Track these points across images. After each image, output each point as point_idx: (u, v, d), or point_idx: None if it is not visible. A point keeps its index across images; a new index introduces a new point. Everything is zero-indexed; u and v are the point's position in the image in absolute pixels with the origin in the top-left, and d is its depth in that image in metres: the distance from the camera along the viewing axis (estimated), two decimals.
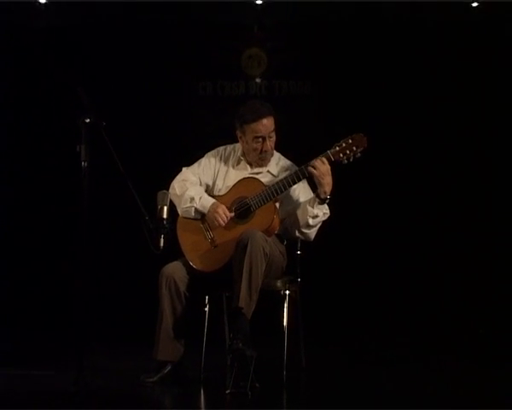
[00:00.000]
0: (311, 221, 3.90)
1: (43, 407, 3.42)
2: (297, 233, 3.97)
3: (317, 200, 3.86)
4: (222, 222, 3.87)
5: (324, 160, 3.83)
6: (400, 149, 5.66)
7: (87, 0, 5.35)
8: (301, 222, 3.92)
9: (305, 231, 3.95)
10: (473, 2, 5.44)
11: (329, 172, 3.83)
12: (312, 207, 3.87)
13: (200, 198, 3.95)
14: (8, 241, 5.73)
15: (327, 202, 3.88)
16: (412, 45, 5.72)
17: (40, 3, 5.35)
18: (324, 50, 5.75)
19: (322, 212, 3.90)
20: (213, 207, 3.90)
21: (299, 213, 3.92)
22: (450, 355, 4.65)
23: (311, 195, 3.96)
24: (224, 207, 3.90)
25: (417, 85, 5.69)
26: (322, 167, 3.81)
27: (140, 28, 5.71)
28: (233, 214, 3.89)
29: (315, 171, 3.81)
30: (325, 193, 3.84)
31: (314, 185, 3.91)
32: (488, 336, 5.17)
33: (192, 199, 3.95)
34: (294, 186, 3.92)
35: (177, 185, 4.01)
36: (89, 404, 3.44)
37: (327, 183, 3.82)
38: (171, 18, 5.65)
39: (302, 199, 3.97)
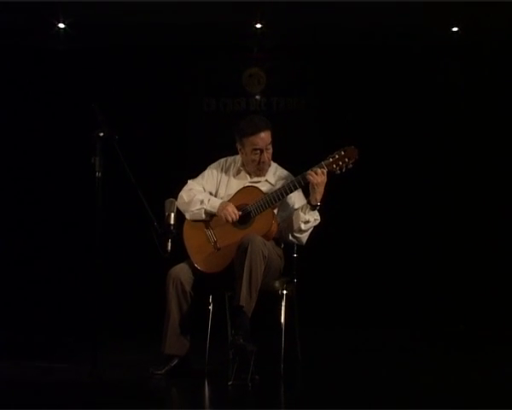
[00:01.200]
0: (303, 226, 3.89)
1: (61, 396, 3.44)
2: (290, 237, 3.96)
3: (309, 206, 3.87)
4: (231, 218, 3.85)
5: (324, 171, 3.83)
6: (389, 159, 5.70)
7: (101, 26, 5.39)
8: (295, 227, 3.91)
9: (297, 235, 3.94)
10: (453, 27, 5.46)
11: (324, 184, 3.83)
12: (304, 214, 3.88)
13: (209, 200, 3.96)
14: (28, 244, 5.72)
15: (317, 208, 3.89)
16: (399, 66, 5.76)
17: (59, 28, 5.40)
18: (318, 70, 5.79)
19: (314, 218, 3.90)
20: (223, 206, 3.90)
21: (293, 218, 3.92)
22: (448, 355, 4.56)
23: (304, 202, 3.96)
24: (232, 205, 3.90)
25: (405, 102, 5.72)
26: (320, 177, 3.81)
27: (150, 51, 5.73)
28: (241, 213, 3.88)
29: (312, 178, 3.81)
30: (316, 200, 3.85)
31: (308, 194, 3.91)
32: (489, 336, 5.10)
33: (202, 201, 3.94)
34: (290, 194, 3.92)
35: (184, 194, 4.00)
36: (102, 393, 3.45)
37: (319, 192, 3.83)
38: (179, 41, 5.66)
39: (297, 206, 3.97)
